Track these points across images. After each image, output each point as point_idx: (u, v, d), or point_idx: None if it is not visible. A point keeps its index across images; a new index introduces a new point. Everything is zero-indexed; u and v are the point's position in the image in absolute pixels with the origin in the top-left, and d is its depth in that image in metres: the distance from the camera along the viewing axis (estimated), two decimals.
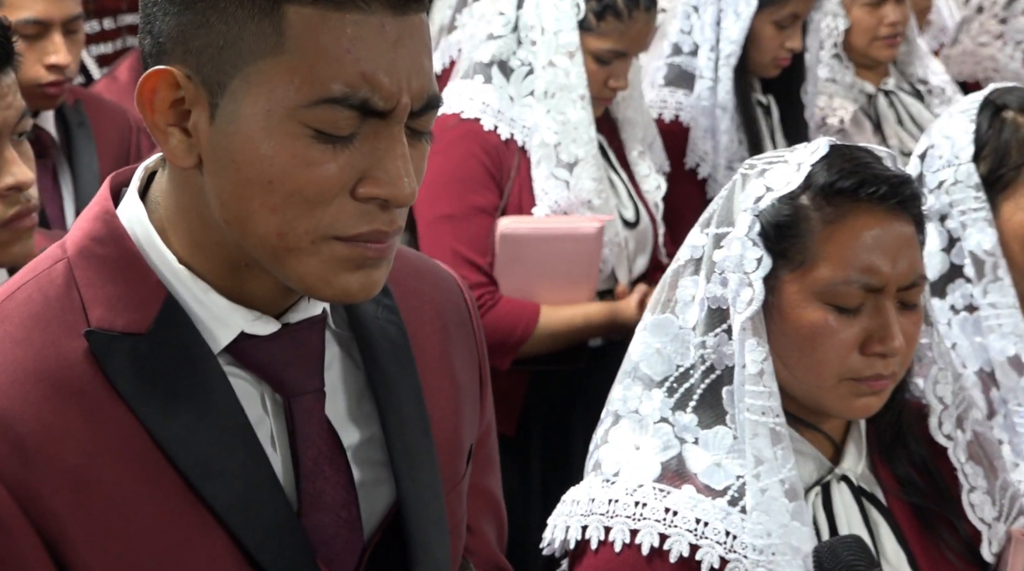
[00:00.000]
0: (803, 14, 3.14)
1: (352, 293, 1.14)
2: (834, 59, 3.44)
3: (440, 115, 2.72)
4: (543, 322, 2.70)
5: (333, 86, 1.09)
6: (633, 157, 2.94)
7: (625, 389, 1.67)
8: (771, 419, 1.56)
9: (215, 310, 1.18)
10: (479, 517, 1.48)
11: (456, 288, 1.42)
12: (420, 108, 1.13)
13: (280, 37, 1.09)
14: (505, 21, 2.76)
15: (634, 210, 2.88)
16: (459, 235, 2.68)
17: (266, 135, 1.09)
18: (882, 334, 1.56)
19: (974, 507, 1.70)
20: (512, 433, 2.83)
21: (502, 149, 2.72)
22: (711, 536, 1.55)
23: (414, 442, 1.28)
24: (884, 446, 1.70)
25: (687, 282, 1.66)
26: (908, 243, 1.58)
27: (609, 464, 1.64)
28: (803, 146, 1.64)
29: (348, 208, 1.11)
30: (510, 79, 2.74)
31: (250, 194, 1.11)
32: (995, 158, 1.95)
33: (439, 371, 1.34)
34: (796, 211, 1.58)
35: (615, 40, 2.72)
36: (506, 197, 2.71)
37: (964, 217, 1.94)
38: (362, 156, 1.11)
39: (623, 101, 2.93)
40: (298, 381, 1.20)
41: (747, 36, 3.09)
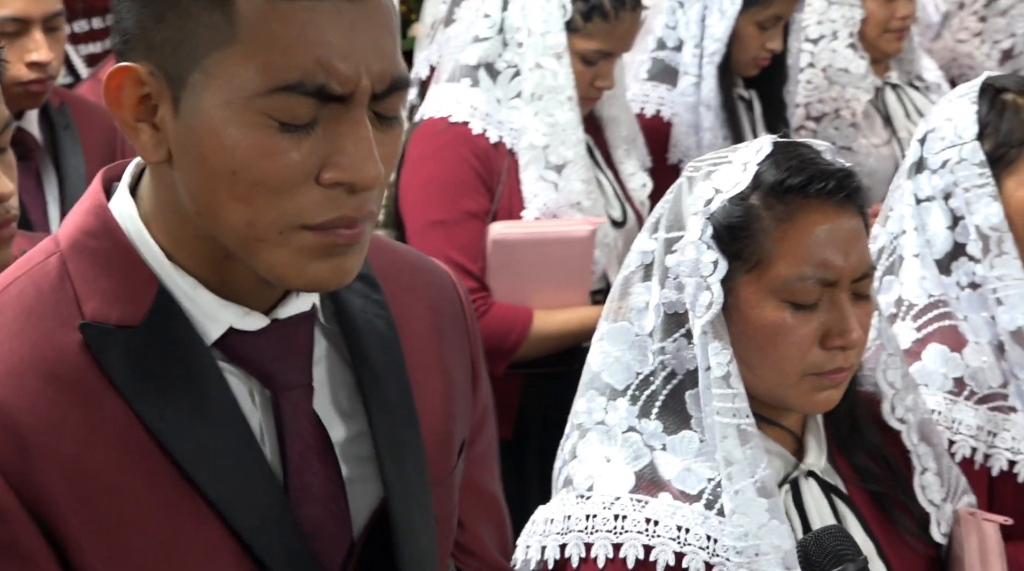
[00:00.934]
0: (786, 16, 3.14)
1: (323, 281, 1.14)
2: (849, 48, 3.43)
3: (428, 119, 2.73)
4: (537, 327, 2.68)
5: (287, 74, 1.08)
6: (618, 155, 2.92)
7: (588, 401, 1.66)
8: (741, 420, 1.56)
9: (204, 305, 1.17)
10: (474, 515, 1.47)
11: (450, 284, 1.41)
12: (383, 91, 1.12)
13: (232, 27, 1.08)
14: (491, 23, 2.72)
15: (621, 210, 2.86)
16: (451, 241, 2.64)
17: (227, 126, 1.09)
18: (841, 327, 1.57)
19: (924, 489, 1.72)
20: (509, 437, 2.80)
21: (491, 153, 2.68)
22: (694, 542, 1.54)
23: (401, 437, 1.27)
24: (841, 437, 1.71)
25: (639, 289, 1.65)
26: (857, 235, 1.59)
27: (581, 479, 1.62)
28: (745, 145, 1.64)
29: (314, 196, 1.10)
30: (497, 81, 2.71)
31: (216, 185, 1.11)
32: (998, 137, 1.98)
33: (430, 366, 1.33)
34: (747, 211, 1.57)
35: (602, 40, 2.70)
36: (497, 201, 2.68)
37: (968, 194, 1.96)
38: (324, 142, 1.10)
39: (607, 99, 2.90)
40: (286, 376, 1.20)
41: (730, 35, 3.07)
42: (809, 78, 3.45)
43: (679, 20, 3.16)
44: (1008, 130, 1.98)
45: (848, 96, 3.43)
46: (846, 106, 3.43)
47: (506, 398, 2.77)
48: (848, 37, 3.44)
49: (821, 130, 3.43)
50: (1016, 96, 2.00)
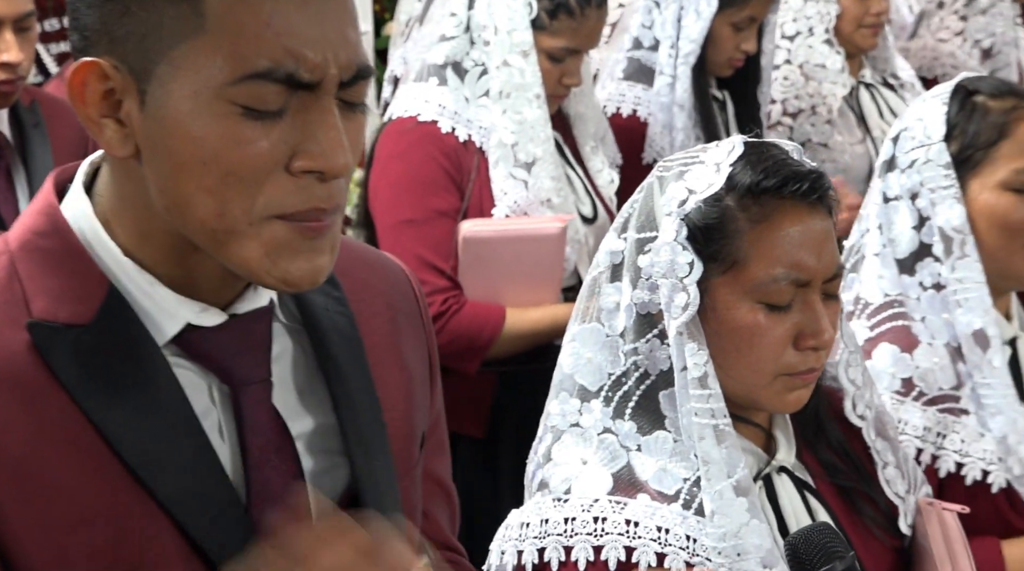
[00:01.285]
0: (760, 17, 3.14)
1: (295, 279, 1.13)
2: (825, 44, 3.44)
3: (396, 119, 2.72)
4: (509, 324, 2.67)
5: (257, 61, 1.08)
6: (587, 152, 2.92)
7: (562, 403, 1.65)
8: (718, 420, 1.55)
9: (161, 302, 1.17)
10: (431, 502, 1.48)
11: (404, 278, 1.41)
12: (350, 79, 1.13)
13: (200, 18, 1.08)
14: (457, 22, 2.72)
15: (592, 206, 2.85)
16: (421, 240, 2.63)
17: (195, 116, 1.09)
18: (813, 328, 1.57)
19: (889, 483, 1.74)
20: (482, 435, 2.80)
21: (461, 151, 2.67)
22: (674, 543, 1.54)
23: (368, 430, 1.27)
24: (807, 433, 1.72)
25: (609, 289, 1.64)
26: (828, 236, 1.60)
27: (558, 482, 1.61)
28: (715, 145, 1.64)
29: (284, 185, 1.10)
30: (464, 80, 2.70)
31: (186, 177, 1.10)
32: (965, 139, 2.00)
33: (390, 361, 1.33)
34: (723, 213, 1.57)
35: (568, 38, 2.69)
36: (467, 199, 2.67)
37: (934, 195, 1.98)
38: (294, 130, 1.10)
39: (574, 96, 2.89)
40: (245, 371, 1.20)
41: (705, 36, 3.07)
42: (786, 74, 3.46)
43: (655, 20, 3.16)
44: (975, 132, 1.99)
45: (824, 92, 3.44)
46: (822, 102, 3.44)
47: (480, 396, 2.78)
48: (824, 33, 3.45)
49: (797, 126, 3.44)
50: (987, 99, 2.01)
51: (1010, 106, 2.00)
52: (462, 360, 2.65)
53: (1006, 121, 1.99)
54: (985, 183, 1.98)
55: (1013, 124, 1.99)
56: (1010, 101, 2.01)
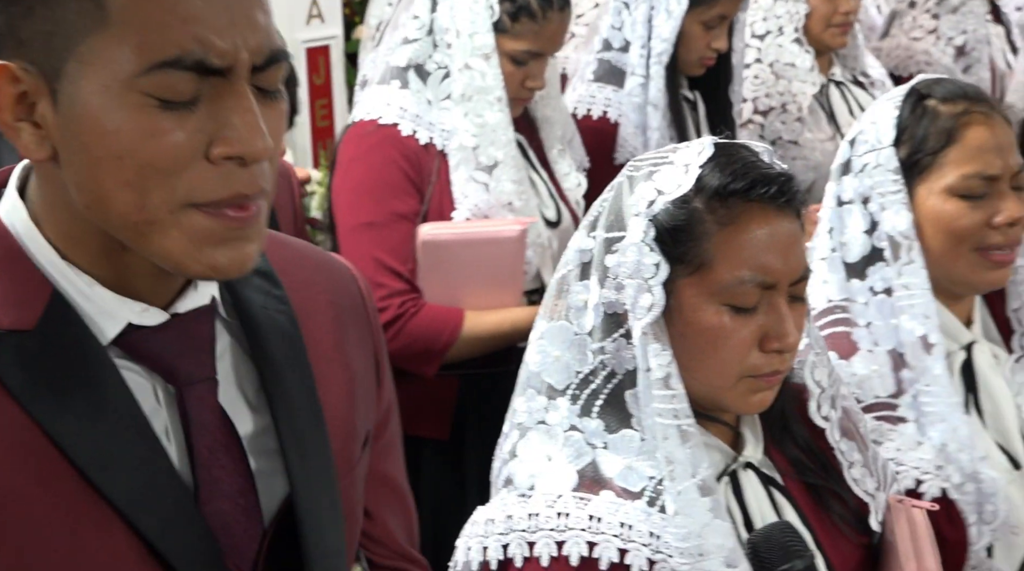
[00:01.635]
0: (730, 15, 3.13)
1: (221, 268, 1.12)
2: (795, 43, 3.45)
3: (358, 122, 2.70)
4: (468, 328, 2.65)
5: (164, 50, 1.07)
6: (553, 155, 2.90)
7: (528, 400, 1.64)
8: (682, 421, 1.55)
9: (101, 303, 1.16)
10: (382, 506, 1.48)
11: (350, 277, 1.40)
12: (262, 63, 1.11)
13: (103, 11, 1.07)
14: (420, 24, 2.70)
15: (556, 209, 2.83)
16: (380, 243, 2.61)
17: (108, 111, 1.08)
18: (778, 331, 1.57)
19: (857, 481, 1.73)
20: (446, 438, 2.78)
21: (421, 154, 2.65)
22: (637, 539, 1.53)
23: (305, 430, 1.26)
24: (774, 432, 1.71)
25: (578, 287, 1.63)
26: (796, 239, 1.60)
27: (522, 478, 1.60)
28: (685, 146, 1.63)
29: (205, 173, 1.09)
30: (427, 83, 2.69)
31: (103, 173, 1.09)
32: (913, 143, 1.98)
33: (332, 359, 1.32)
34: (690, 214, 1.56)
35: (530, 41, 2.68)
36: (427, 202, 2.65)
37: (883, 199, 1.97)
38: (209, 118, 1.09)
39: (541, 100, 2.88)
40: (189, 370, 1.19)
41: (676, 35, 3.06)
42: (756, 73, 3.46)
43: (625, 21, 3.14)
44: (923, 137, 1.97)
45: (795, 90, 3.44)
46: (792, 100, 3.44)
47: (443, 399, 2.76)
48: (794, 32, 3.45)
49: (768, 124, 3.45)
50: (938, 103, 1.99)
51: (960, 110, 1.97)
52: (420, 363, 2.64)
53: (955, 126, 1.96)
54: (932, 189, 1.97)
55: (962, 129, 1.96)
56: (961, 105, 1.98)
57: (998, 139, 1.97)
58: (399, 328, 2.59)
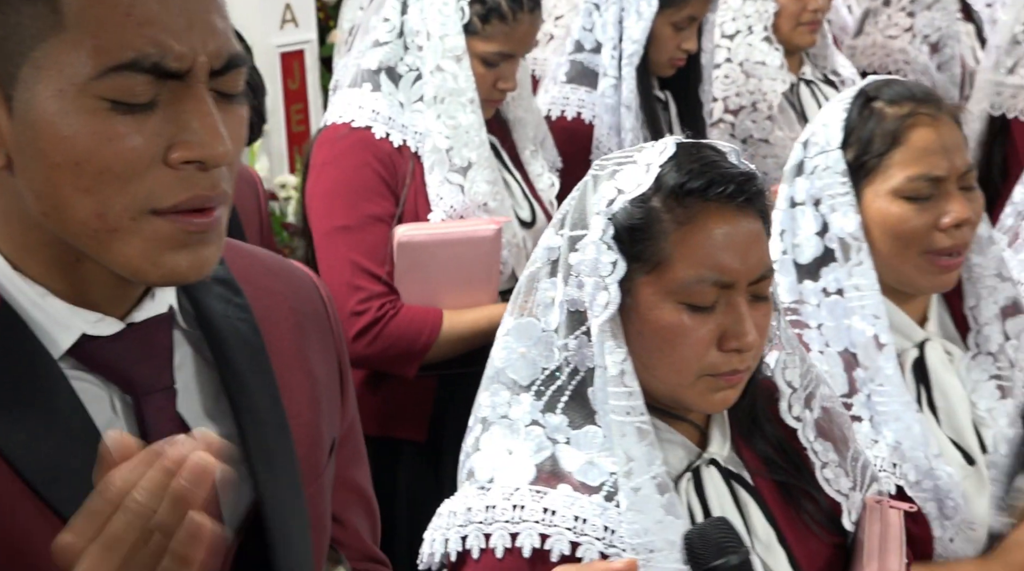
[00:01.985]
0: (700, 16, 3.13)
1: (181, 273, 1.11)
2: (764, 42, 3.45)
3: (330, 125, 2.69)
4: (447, 328, 2.64)
5: (120, 53, 1.06)
6: (526, 156, 2.90)
7: (492, 395, 1.64)
8: (635, 418, 1.55)
9: (54, 314, 1.14)
10: (349, 510, 1.47)
11: (311, 285, 1.39)
12: (221, 67, 1.11)
13: (58, 15, 1.06)
14: (390, 27, 2.69)
15: (530, 209, 2.83)
16: (356, 246, 2.60)
17: (64, 116, 1.06)
18: (737, 330, 1.56)
19: (829, 481, 1.72)
20: (424, 439, 2.77)
21: (395, 156, 2.65)
22: (590, 532, 1.53)
23: (270, 439, 1.25)
24: (743, 430, 1.71)
25: (546, 284, 1.64)
26: (756, 238, 1.59)
27: (483, 471, 1.61)
28: (651, 145, 1.63)
29: (164, 178, 1.08)
30: (399, 85, 2.68)
31: (61, 180, 1.07)
32: (860, 146, 1.98)
33: (295, 368, 1.31)
34: (648, 213, 1.57)
35: (501, 42, 2.67)
36: (402, 204, 2.64)
37: (833, 201, 1.97)
38: (168, 122, 1.08)
39: (513, 101, 2.88)
40: (146, 380, 1.17)
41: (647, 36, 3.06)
42: (726, 73, 3.47)
43: (596, 22, 3.14)
44: (868, 139, 1.97)
45: (765, 89, 3.45)
46: (763, 99, 3.45)
47: (420, 400, 2.76)
48: (763, 31, 3.46)
49: (739, 123, 3.45)
50: (885, 105, 1.99)
51: (905, 112, 1.97)
52: (400, 365, 2.63)
53: (900, 127, 1.96)
54: (879, 191, 1.97)
55: (907, 131, 1.96)
56: (907, 107, 1.97)
57: (944, 140, 1.96)
58: (379, 330, 2.58)
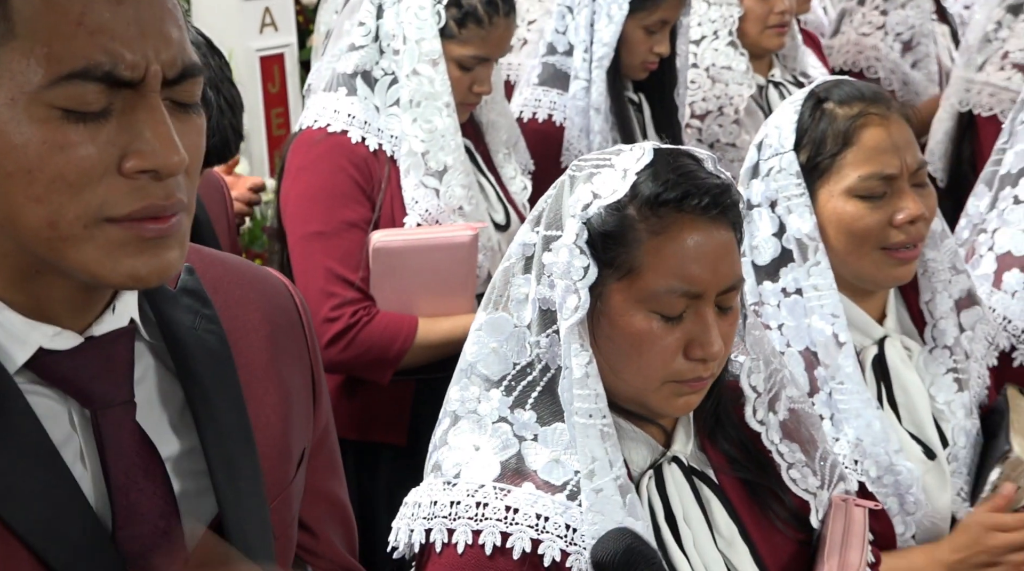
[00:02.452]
0: (671, 20, 3.12)
1: (141, 277, 1.10)
2: (729, 47, 3.45)
3: (306, 130, 2.67)
4: (421, 335, 2.62)
5: (71, 62, 1.05)
6: (499, 160, 2.88)
7: (462, 389, 1.65)
8: (598, 420, 1.55)
9: (10, 328, 1.13)
10: (323, 521, 1.47)
11: (285, 293, 1.39)
12: (175, 76, 1.10)
13: (8, 23, 1.05)
14: (366, 31, 2.67)
15: (504, 213, 2.82)
16: (331, 252, 2.58)
17: (15, 124, 1.05)
18: (703, 340, 1.57)
19: (796, 481, 1.73)
20: (404, 443, 2.76)
21: (371, 161, 2.63)
22: (552, 530, 1.54)
23: (234, 451, 1.24)
24: (707, 430, 1.72)
25: (520, 281, 1.64)
26: (727, 250, 1.59)
27: (449, 466, 1.61)
28: (629, 149, 1.62)
29: (118, 187, 1.07)
30: (374, 89, 2.66)
31: (12, 189, 1.06)
32: (813, 147, 1.99)
33: (265, 378, 1.31)
34: (622, 221, 1.56)
35: (477, 46, 2.66)
36: (378, 209, 2.62)
37: (788, 203, 1.99)
38: (121, 131, 1.07)
39: (486, 104, 2.86)
40: (105, 393, 1.16)
41: (618, 39, 3.05)
42: (692, 78, 3.47)
43: (568, 25, 3.14)
44: (820, 140, 1.99)
45: (731, 93, 3.45)
46: (729, 103, 3.44)
47: (399, 404, 2.74)
48: (728, 35, 3.46)
49: (706, 127, 3.45)
50: (835, 106, 2.00)
51: (855, 112, 1.98)
52: (373, 371, 2.61)
53: (851, 127, 1.97)
54: (833, 191, 1.98)
55: (858, 131, 1.97)
56: (856, 107, 1.99)
57: (894, 139, 1.98)
58: (352, 337, 2.56)
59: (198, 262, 1.31)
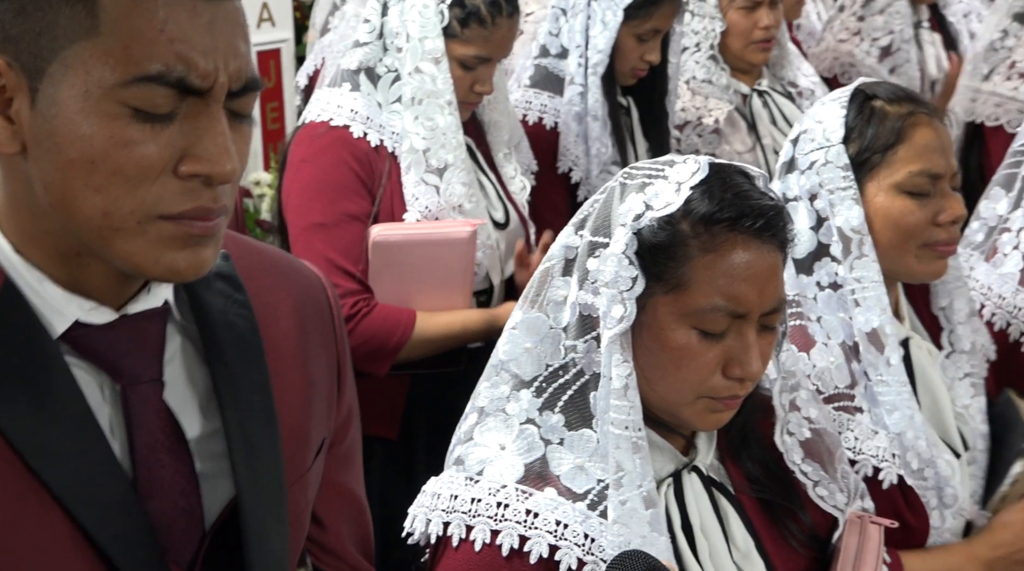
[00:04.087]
0: (664, 29, 3.09)
1: (180, 271, 1.13)
2: (710, 60, 3.39)
3: (309, 123, 2.65)
4: (419, 329, 2.60)
5: (148, 65, 1.08)
6: (500, 159, 2.86)
7: (492, 387, 1.62)
8: (633, 433, 1.53)
9: (50, 299, 1.15)
10: (336, 515, 1.47)
11: (318, 285, 1.40)
12: (239, 89, 1.13)
13: (94, 20, 1.08)
14: (370, 28, 2.65)
15: (504, 211, 2.79)
16: (331, 243, 2.56)
17: (85, 116, 1.08)
18: (742, 359, 1.55)
19: (824, 498, 1.72)
20: (395, 437, 2.74)
21: (372, 155, 2.61)
22: (570, 538, 1.52)
23: (255, 436, 1.26)
24: (733, 445, 1.70)
25: (559, 282, 1.61)
26: (775, 272, 1.57)
27: (473, 462, 1.59)
28: (683, 162, 1.59)
29: (171, 186, 1.11)
30: (377, 86, 2.64)
31: (73, 175, 1.09)
32: (863, 141, 1.98)
33: (291, 365, 1.32)
34: (674, 236, 1.54)
35: (479, 46, 2.63)
36: (378, 203, 2.60)
37: (832, 196, 1.97)
38: (182, 135, 1.11)
39: (489, 104, 2.84)
40: (135, 370, 1.19)
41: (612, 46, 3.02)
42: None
43: (562, 27, 3.10)
44: (872, 136, 1.98)
45: (711, 106, 3.39)
46: (708, 114, 3.39)
47: (392, 398, 2.72)
48: (709, 49, 3.40)
49: (684, 137, 3.39)
50: (884, 103, 2.00)
51: (907, 111, 1.99)
52: (372, 363, 2.59)
53: (904, 126, 1.98)
54: (882, 185, 1.98)
55: (910, 129, 1.98)
56: (907, 106, 2.00)
57: (941, 140, 1.99)
58: (352, 328, 2.54)
59: (234, 249, 1.33)
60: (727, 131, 3.39)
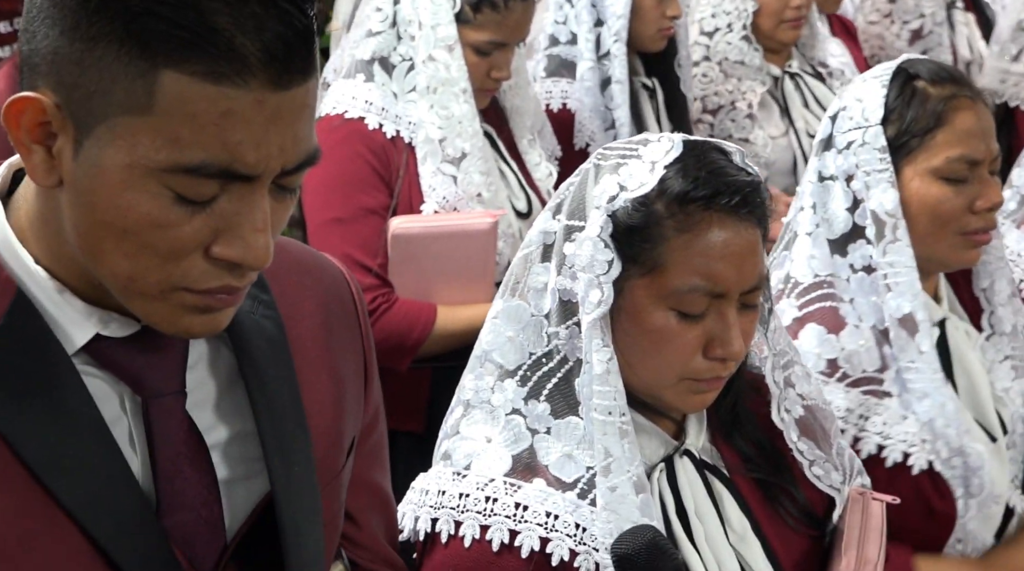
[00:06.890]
0: None
1: (194, 333, 1.11)
2: (743, 41, 3.29)
3: (324, 116, 2.54)
4: (440, 323, 2.50)
5: (193, 154, 1.02)
6: (523, 146, 2.75)
7: (477, 378, 1.58)
8: (616, 418, 1.48)
9: (70, 311, 1.11)
10: (366, 511, 1.43)
11: (343, 282, 1.35)
12: (293, 169, 1.07)
13: (151, 98, 1.01)
14: (383, 17, 2.54)
15: (526, 200, 2.68)
16: (349, 238, 2.47)
17: (125, 188, 1.03)
18: (723, 339, 1.49)
19: (820, 477, 1.67)
20: (421, 430, 2.62)
21: (388, 147, 2.51)
22: (561, 529, 1.48)
23: (288, 436, 1.22)
24: (724, 426, 1.63)
25: (539, 269, 1.56)
26: (753, 249, 1.50)
27: (460, 456, 1.55)
28: (655, 139, 1.52)
29: (200, 265, 1.06)
30: (392, 75, 2.53)
31: (104, 235, 1.05)
32: (901, 123, 1.89)
33: (319, 365, 1.28)
34: (649, 216, 1.48)
35: (493, 31, 2.52)
36: (396, 195, 2.50)
37: (868, 178, 1.88)
38: (220, 216, 1.05)
39: (510, 90, 2.73)
40: (157, 383, 1.14)
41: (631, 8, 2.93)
42: (704, 71, 3.30)
43: (568, 15, 3.03)
44: (912, 119, 1.88)
45: (744, 88, 3.29)
46: (742, 98, 3.29)
47: (417, 391, 2.62)
48: (742, 29, 3.29)
49: (718, 122, 3.30)
50: (927, 84, 1.90)
51: (949, 94, 1.89)
52: (392, 358, 2.48)
53: (944, 109, 1.88)
54: (918, 170, 1.88)
55: (951, 113, 1.88)
56: (949, 88, 1.89)
57: (983, 124, 1.90)
58: (372, 323, 2.45)
59: None
60: (760, 115, 3.29)
